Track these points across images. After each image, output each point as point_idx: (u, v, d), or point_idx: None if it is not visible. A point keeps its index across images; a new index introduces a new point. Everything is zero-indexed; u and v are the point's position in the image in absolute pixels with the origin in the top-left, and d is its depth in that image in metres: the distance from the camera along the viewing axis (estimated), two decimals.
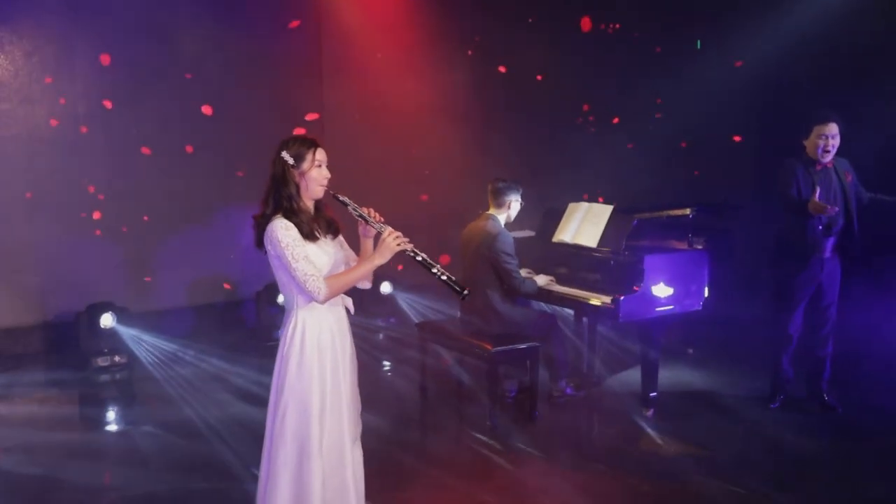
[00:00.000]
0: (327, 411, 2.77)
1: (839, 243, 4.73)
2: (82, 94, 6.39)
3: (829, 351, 4.90)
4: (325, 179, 2.82)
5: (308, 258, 2.69)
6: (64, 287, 6.25)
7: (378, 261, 2.78)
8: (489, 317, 4.78)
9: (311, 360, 2.75)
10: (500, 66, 8.03)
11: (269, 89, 7.21)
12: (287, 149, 2.80)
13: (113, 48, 6.43)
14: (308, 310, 2.77)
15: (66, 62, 6.32)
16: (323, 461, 2.74)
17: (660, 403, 4.97)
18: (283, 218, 2.73)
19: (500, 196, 4.88)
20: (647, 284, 4.58)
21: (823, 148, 4.63)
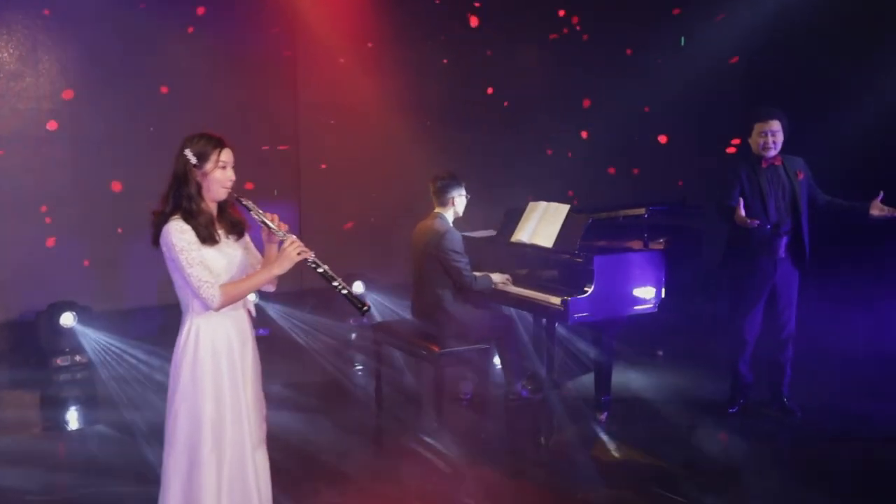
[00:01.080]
0: (226, 419, 2.68)
1: (791, 244, 4.61)
2: (49, 91, 6.39)
3: (789, 355, 4.78)
4: (229, 181, 2.72)
5: (203, 263, 2.60)
6: (28, 285, 6.25)
7: (276, 271, 2.70)
8: (440, 318, 4.69)
9: (205, 366, 2.66)
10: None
11: (245, 90, 7.22)
12: (191, 146, 2.68)
13: (84, 49, 6.46)
14: (203, 315, 2.68)
15: (31, 59, 6.33)
16: (221, 468, 2.66)
17: (615, 407, 4.87)
18: (181, 219, 2.63)
19: (442, 194, 4.79)
20: (598, 286, 4.48)
21: (764, 145, 4.54)
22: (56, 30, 6.38)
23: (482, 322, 4.79)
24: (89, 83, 6.50)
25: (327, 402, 5.23)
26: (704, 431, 4.60)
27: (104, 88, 6.53)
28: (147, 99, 6.69)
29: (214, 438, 2.66)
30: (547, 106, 8.19)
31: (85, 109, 6.48)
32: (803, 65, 6.82)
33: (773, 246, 4.59)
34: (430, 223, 4.75)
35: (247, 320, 2.84)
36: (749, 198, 4.59)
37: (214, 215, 2.76)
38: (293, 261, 2.67)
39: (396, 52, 7.80)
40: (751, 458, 4.28)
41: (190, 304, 2.69)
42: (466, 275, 4.65)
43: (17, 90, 6.27)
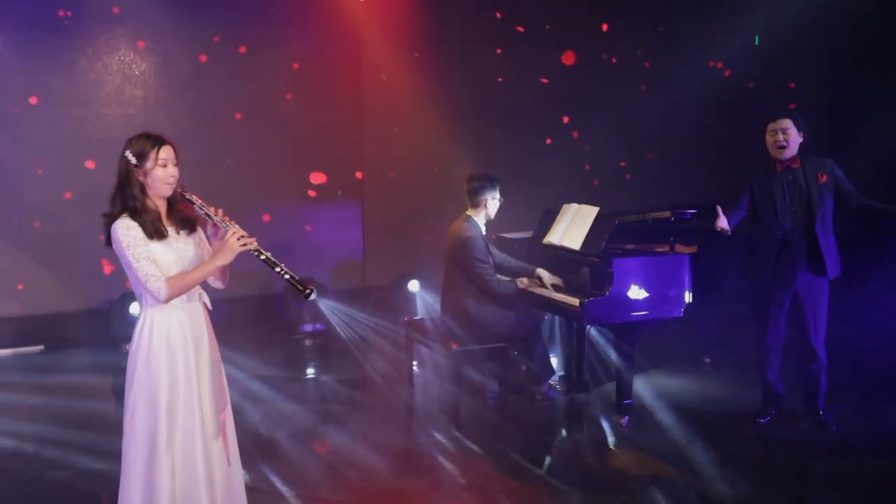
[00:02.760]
0: (179, 408, 2.78)
1: (809, 251, 4.44)
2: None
3: (821, 365, 4.58)
4: (172, 178, 2.81)
5: (150, 258, 2.71)
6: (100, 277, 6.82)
7: (219, 261, 2.79)
8: (463, 319, 4.79)
9: (159, 357, 2.76)
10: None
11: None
12: (130, 147, 2.79)
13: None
14: (156, 308, 2.79)
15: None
16: (173, 456, 2.76)
17: (642, 413, 4.84)
18: (128, 217, 2.75)
19: (474, 195, 4.88)
20: (617, 288, 4.46)
21: (775, 143, 4.41)
22: (156, 57, 6.99)
23: (506, 322, 4.85)
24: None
25: (363, 394, 5.43)
26: (727, 441, 4.49)
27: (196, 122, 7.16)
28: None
29: (169, 426, 2.76)
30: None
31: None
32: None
33: (790, 253, 4.45)
34: (457, 226, 4.86)
35: (202, 313, 2.93)
36: (760, 204, 4.47)
37: (161, 212, 2.86)
38: (235, 251, 2.77)
39: (450, 60, 7.99)
40: (770, 471, 4.15)
41: (143, 298, 2.81)
42: (489, 279, 4.73)
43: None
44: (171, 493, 2.75)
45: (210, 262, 2.81)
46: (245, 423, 4.74)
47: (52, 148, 6.65)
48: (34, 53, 6.56)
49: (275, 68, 7.48)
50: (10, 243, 6.55)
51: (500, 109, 8.11)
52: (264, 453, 4.31)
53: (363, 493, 3.87)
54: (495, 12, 8.08)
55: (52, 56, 6.64)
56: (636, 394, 5.27)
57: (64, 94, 6.70)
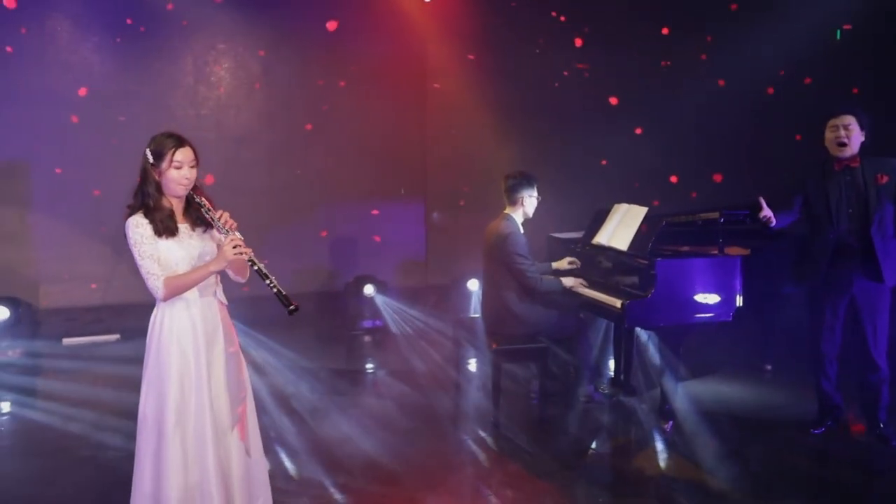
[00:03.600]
0: (190, 401, 2.84)
1: (866, 255, 4.20)
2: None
3: (883, 375, 4.34)
4: (186, 180, 2.87)
5: (154, 256, 2.81)
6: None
7: (213, 267, 2.85)
8: (505, 318, 4.78)
9: (169, 350, 2.84)
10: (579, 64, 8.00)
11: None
12: (151, 145, 2.87)
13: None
14: (168, 303, 2.87)
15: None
16: (184, 449, 2.83)
17: (690, 418, 4.71)
18: (140, 215, 2.84)
19: (511, 193, 4.86)
20: (660, 290, 4.35)
21: (837, 140, 4.18)
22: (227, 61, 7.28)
23: (548, 322, 4.81)
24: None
25: (409, 390, 5.50)
26: (775, 452, 4.32)
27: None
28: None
29: (178, 420, 2.83)
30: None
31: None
32: None
33: (845, 256, 4.23)
34: (496, 224, 4.85)
35: (216, 308, 2.99)
36: (815, 204, 4.27)
37: (178, 209, 2.94)
38: (228, 258, 2.82)
39: (511, 63, 7.97)
40: (818, 485, 3.96)
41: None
42: (530, 276, 4.70)
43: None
44: (181, 485, 2.83)
45: (204, 267, 2.87)
46: (282, 414, 4.91)
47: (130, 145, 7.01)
48: (122, 57, 6.96)
49: (337, 70, 7.65)
50: (89, 236, 6.91)
51: (561, 111, 8.04)
52: (298, 443, 4.43)
53: (393, 487, 3.91)
54: (560, 16, 8.00)
55: (130, 61, 7.00)
56: (688, 399, 5.16)
57: (142, 96, 7.05)
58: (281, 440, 4.49)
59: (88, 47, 6.88)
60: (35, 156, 6.71)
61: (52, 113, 6.69)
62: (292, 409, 5.03)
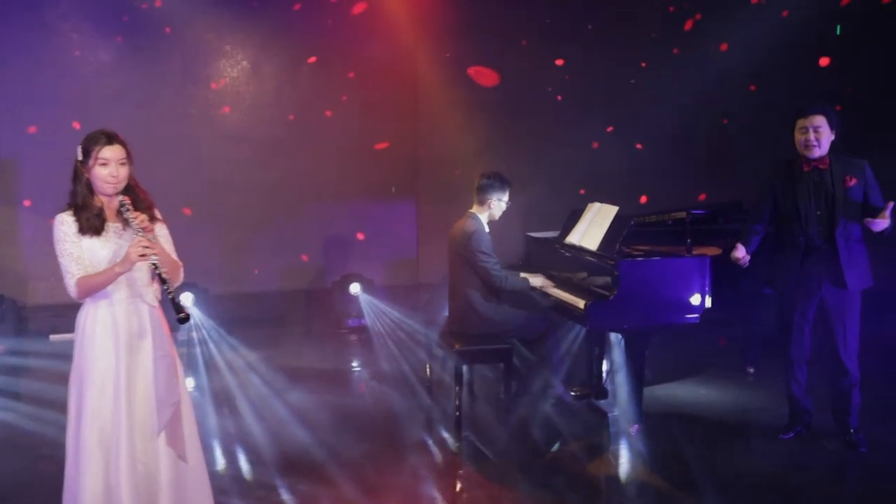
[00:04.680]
0: (108, 404, 2.81)
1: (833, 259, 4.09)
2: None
3: (852, 379, 4.22)
4: (112, 178, 2.83)
5: (73, 255, 2.79)
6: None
7: (118, 268, 2.78)
8: (470, 317, 4.73)
9: (91, 351, 2.83)
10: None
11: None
12: (82, 143, 2.85)
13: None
14: (92, 302, 2.87)
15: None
16: (102, 450, 2.80)
17: (658, 422, 4.63)
18: (69, 212, 2.83)
19: (481, 193, 4.80)
20: (624, 291, 4.26)
21: (805, 142, 4.07)
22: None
23: (516, 322, 4.75)
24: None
25: (378, 390, 5.48)
26: (741, 457, 4.22)
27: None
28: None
29: (95, 423, 2.80)
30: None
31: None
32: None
33: (814, 259, 4.12)
34: (461, 223, 4.80)
35: (146, 311, 2.93)
36: (783, 206, 4.17)
37: (109, 209, 2.90)
38: (132, 260, 2.76)
39: (503, 62, 7.91)
40: (781, 493, 3.86)
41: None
42: (495, 274, 4.65)
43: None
44: (95, 489, 2.79)
45: (110, 268, 2.80)
46: (241, 414, 4.91)
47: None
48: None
49: (327, 68, 7.67)
50: None
51: (555, 112, 7.96)
52: (255, 445, 4.43)
53: (343, 488, 3.87)
54: (546, 19, 7.92)
55: (120, 60, 7.06)
56: (660, 402, 5.12)
57: (133, 94, 7.09)
58: (237, 441, 4.49)
59: (78, 46, 6.95)
60: (23, 153, 6.79)
61: (41, 112, 6.75)
62: (253, 408, 5.02)
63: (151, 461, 2.91)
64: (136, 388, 2.89)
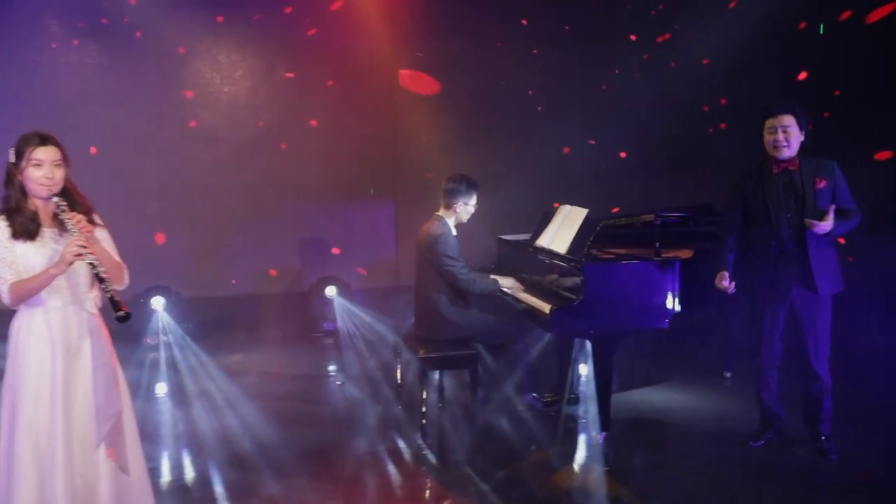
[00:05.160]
0: (43, 415, 2.72)
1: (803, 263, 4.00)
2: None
3: (823, 385, 4.12)
4: (46, 180, 2.73)
5: (6, 260, 2.68)
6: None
7: (53, 270, 2.68)
8: (435, 322, 4.62)
9: (24, 358, 2.74)
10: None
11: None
12: (15, 144, 2.76)
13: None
14: (27, 309, 2.78)
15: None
16: (36, 463, 2.71)
17: (627, 429, 4.55)
18: (1, 216, 2.74)
19: (447, 197, 4.70)
20: (589, 296, 4.17)
21: (774, 143, 3.97)
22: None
23: (484, 326, 4.65)
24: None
25: (346, 395, 5.37)
26: (708, 465, 4.12)
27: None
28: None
29: (29, 434, 2.71)
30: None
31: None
32: None
33: (785, 263, 4.02)
34: (428, 226, 4.71)
35: (85, 320, 2.84)
36: (753, 209, 4.08)
37: (44, 213, 2.81)
38: (67, 261, 2.67)
39: (479, 63, 7.79)
40: (746, 500, 3.77)
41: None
42: (462, 278, 4.55)
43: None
44: (30, 501, 2.70)
45: (45, 271, 2.70)
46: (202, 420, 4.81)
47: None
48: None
49: (305, 69, 7.59)
50: None
51: (530, 114, 7.90)
52: (213, 452, 4.33)
53: (302, 497, 3.78)
54: (521, 20, 7.83)
55: (92, 62, 6.96)
56: (633, 407, 5.03)
57: (105, 96, 6.99)
58: (191, 449, 4.39)
59: (47, 47, 6.84)
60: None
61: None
62: (212, 415, 4.93)
63: (90, 474, 2.81)
64: (74, 398, 2.79)
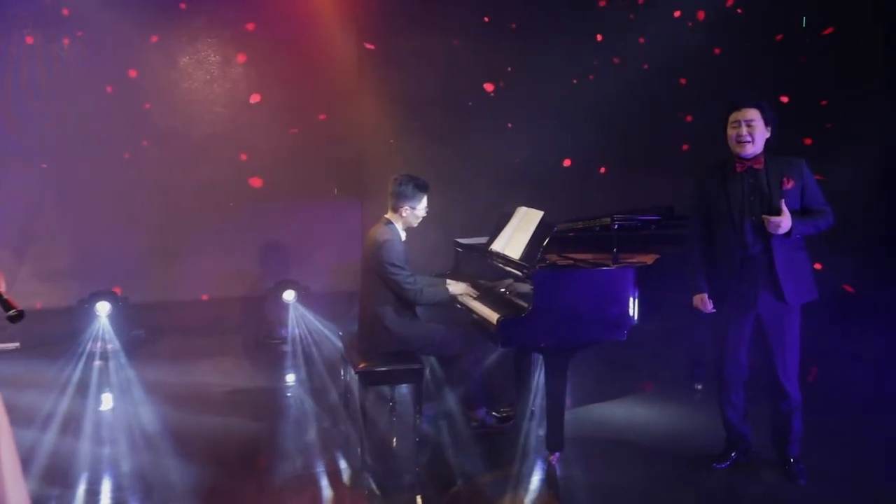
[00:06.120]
0: None
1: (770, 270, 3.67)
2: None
3: (793, 403, 3.80)
4: None
5: None
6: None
7: None
8: (378, 334, 4.29)
9: None
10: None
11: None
12: None
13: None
14: None
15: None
16: None
17: (587, 446, 4.24)
18: None
19: (394, 199, 4.37)
20: (538, 306, 3.84)
21: (738, 137, 3.65)
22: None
23: (431, 339, 4.33)
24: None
25: (285, 408, 5.04)
26: (665, 488, 3.80)
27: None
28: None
29: None
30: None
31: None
32: None
33: (751, 270, 3.70)
34: (375, 230, 4.38)
35: None
36: (715, 212, 3.76)
37: None
38: None
39: (445, 61, 7.47)
40: None
41: None
42: (407, 287, 4.22)
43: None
44: None
45: None
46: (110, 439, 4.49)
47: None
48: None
49: (266, 65, 7.26)
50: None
51: (492, 112, 7.58)
52: (131, 473, 4.00)
53: None
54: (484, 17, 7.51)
55: (43, 61, 6.62)
56: (593, 422, 4.73)
57: (58, 93, 6.66)
58: (104, 472, 4.07)
59: None
60: None
61: None
62: (136, 433, 4.60)
63: None
64: None
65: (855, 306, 6.27)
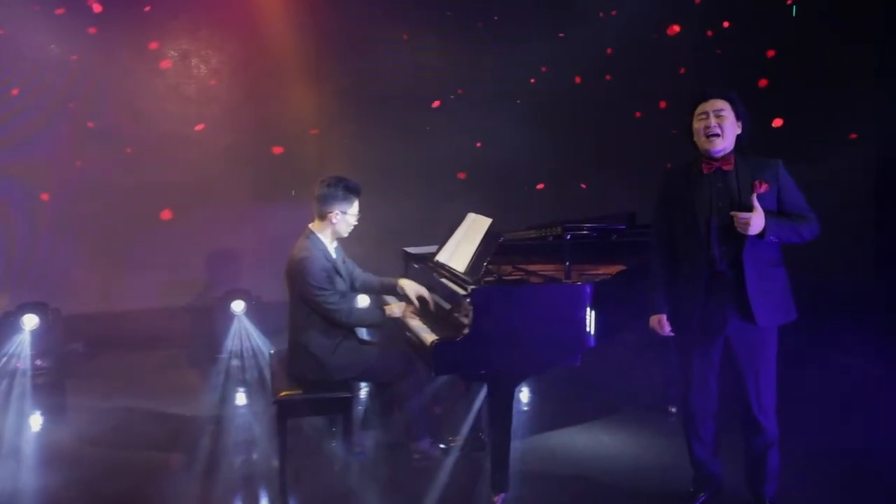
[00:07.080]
0: None
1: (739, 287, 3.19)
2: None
3: (768, 438, 3.30)
4: None
5: None
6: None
7: None
8: (302, 361, 3.79)
9: None
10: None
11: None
12: None
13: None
14: None
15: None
16: None
17: (539, 481, 3.78)
18: None
19: (319, 205, 3.90)
20: (478, 327, 3.35)
21: (706, 130, 3.16)
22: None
23: (364, 364, 3.84)
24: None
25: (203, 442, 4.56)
26: None
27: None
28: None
29: None
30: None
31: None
32: None
33: (719, 288, 3.21)
34: (296, 245, 3.90)
35: None
36: (678, 219, 3.27)
37: None
38: None
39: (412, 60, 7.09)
40: None
41: None
42: (332, 308, 3.73)
43: None
44: None
45: None
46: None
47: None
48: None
49: (219, 63, 6.80)
50: None
51: (452, 111, 7.15)
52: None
53: None
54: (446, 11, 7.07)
55: None
56: (551, 453, 4.24)
57: None
58: None
59: None
60: None
61: None
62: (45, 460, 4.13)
63: None
64: None
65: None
